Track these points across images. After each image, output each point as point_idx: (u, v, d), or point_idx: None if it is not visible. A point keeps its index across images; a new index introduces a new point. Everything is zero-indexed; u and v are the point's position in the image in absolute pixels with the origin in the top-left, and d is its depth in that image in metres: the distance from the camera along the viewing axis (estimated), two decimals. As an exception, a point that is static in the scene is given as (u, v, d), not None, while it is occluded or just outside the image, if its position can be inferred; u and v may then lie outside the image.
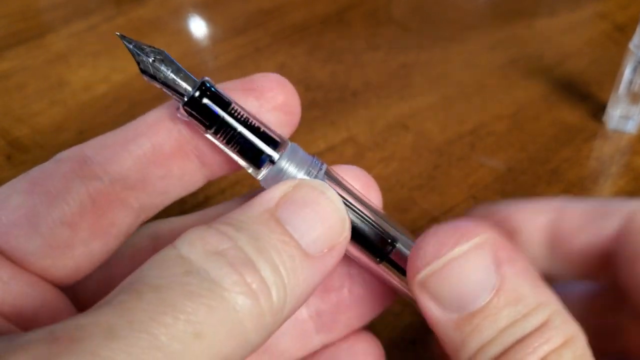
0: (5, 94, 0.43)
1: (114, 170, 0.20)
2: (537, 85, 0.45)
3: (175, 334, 0.14)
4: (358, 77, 0.45)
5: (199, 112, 0.19)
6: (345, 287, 0.24)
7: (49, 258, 0.19)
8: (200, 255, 0.16)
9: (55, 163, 0.20)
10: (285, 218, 0.18)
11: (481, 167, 0.39)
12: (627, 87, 0.39)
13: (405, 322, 0.31)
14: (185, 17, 0.51)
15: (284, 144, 0.20)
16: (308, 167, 0.20)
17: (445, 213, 0.36)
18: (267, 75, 0.22)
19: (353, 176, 0.23)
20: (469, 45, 0.48)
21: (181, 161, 0.21)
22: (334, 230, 0.19)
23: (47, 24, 0.49)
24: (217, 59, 0.47)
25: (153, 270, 0.16)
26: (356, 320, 0.24)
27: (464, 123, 0.42)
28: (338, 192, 0.20)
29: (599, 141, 0.41)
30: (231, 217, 0.18)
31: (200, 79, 0.19)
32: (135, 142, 0.20)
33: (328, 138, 0.40)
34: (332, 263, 0.19)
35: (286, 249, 0.17)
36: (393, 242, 0.21)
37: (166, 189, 0.21)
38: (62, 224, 0.19)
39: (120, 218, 0.21)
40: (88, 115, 0.41)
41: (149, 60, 0.19)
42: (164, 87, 0.19)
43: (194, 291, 0.15)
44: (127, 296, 0.15)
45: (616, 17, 0.51)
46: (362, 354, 0.24)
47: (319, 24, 0.50)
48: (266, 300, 0.16)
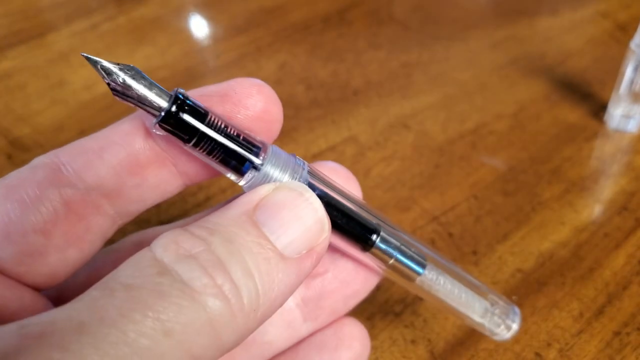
0: (6, 93, 0.43)
1: (89, 178, 0.20)
2: (538, 85, 0.45)
3: (144, 330, 0.14)
4: (359, 76, 0.45)
5: (175, 127, 0.18)
6: (330, 272, 0.24)
7: (22, 265, 0.19)
8: (173, 258, 0.16)
9: (31, 170, 0.20)
10: (262, 220, 0.18)
11: (482, 167, 0.39)
12: (629, 86, 0.39)
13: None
14: (187, 16, 0.51)
15: (265, 147, 0.20)
16: (291, 168, 0.20)
17: (446, 212, 0.36)
18: (245, 80, 0.21)
19: (332, 171, 0.23)
20: (470, 45, 0.48)
21: (157, 170, 0.21)
22: (312, 231, 0.19)
23: (48, 23, 0.49)
24: (218, 58, 0.47)
25: (127, 270, 0.16)
26: (342, 305, 0.25)
27: (465, 122, 0.41)
28: (321, 188, 0.20)
29: (600, 140, 0.41)
30: (208, 219, 0.18)
31: (173, 91, 0.18)
32: (110, 151, 0.20)
33: (329, 137, 0.40)
34: (311, 265, 0.19)
35: (261, 252, 0.17)
36: (376, 231, 0.22)
37: (142, 197, 0.21)
38: (35, 232, 0.19)
39: (95, 225, 0.21)
40: (89, 114, 0.41)
41: (119, 80, 0.18)
42: (137, 105, 0.18)
43: (164, 291, 0.15)
44: (99, 293, 0.15)
45: (618, 16, 0.51)
46: (348, 337, 0.25)
47: (320, 23, 0.50)
48: (237, 301, 0.16)
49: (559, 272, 0.33)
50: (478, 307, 0.25)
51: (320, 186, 0.21)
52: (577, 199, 0.37)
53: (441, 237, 0.34)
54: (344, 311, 0.25)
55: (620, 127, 0.41)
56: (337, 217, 0.21)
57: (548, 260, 0.33)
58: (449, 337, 0.30)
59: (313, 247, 0.19)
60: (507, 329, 0.26)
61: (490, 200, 0.36)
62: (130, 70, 0.18)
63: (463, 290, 0.25)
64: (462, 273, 0.25)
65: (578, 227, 0.35)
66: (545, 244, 0.34)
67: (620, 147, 0.40)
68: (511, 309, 0.26)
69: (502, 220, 0.35)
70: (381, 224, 0.22)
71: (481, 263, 0.33)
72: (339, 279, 0.24)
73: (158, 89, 0.18)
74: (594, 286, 0.32)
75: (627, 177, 0.38)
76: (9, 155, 0.38)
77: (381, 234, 0.22)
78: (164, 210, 0.35)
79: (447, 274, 0.24)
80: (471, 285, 0.25)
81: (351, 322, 0.25)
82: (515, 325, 0.26)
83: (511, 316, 0.26)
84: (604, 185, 0.38)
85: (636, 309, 0.31)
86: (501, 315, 0.25)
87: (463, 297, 0.25)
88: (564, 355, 0.29)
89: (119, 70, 0.18)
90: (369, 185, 0.37)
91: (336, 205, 0.21)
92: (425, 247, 0.24)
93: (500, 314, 0.25)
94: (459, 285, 0.24)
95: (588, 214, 0.36)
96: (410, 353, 0.29)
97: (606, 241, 0.34)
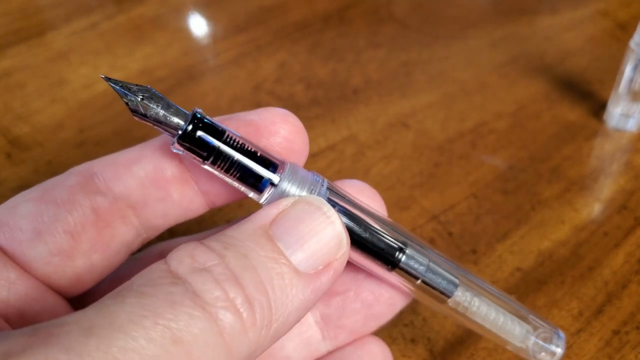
0: (5, 92, 0.43)
1: (117, 187, 0.21)
2: (538, 84, 0.45)
3: (153, 337, 0.14)
4: (359, 75, 0.45)
5: (194, 145, 0.19)
6: (352, 291, 0.24)
7: (50, 265, 0.20)
8: (187, 270, 0.16)
9: (65, 176, 0.21)
10: (278, 235, 0.18)
11: (482, 165, 0.39)
12: (628, 85, 0.39)
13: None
14: (186, 15, 0.51)
15: (283, 165, 0.20)
16: (309, 184, 0.20)
17: (446, 211, 0.36)
18: (272, 109, 0.22)
19: (355, 189, 0.23)
20: (470, 43, 0.48)
21: (181, 186, 0.22)
22: (329, 247, 0.18)
23: (48, 22, 0.49)
24: (218, 57, 0.47)
25: (140, 280, 0.16)
26: (362, 326, 0.24)
27: (465, 121, 0.41)
28: (342, 205, 0.20)
29: (599, 139, 0.41)
30: (225, 233, 0.18)
31: (191, 111, 0.19)
32: (138, 164, 0.21)
33: (329, 136, 0.40)
34: (327, 281, 0.18)
35: (274, 267, 0.17)
36: (402, 249, 0.21)
37: (165, 212, 0.22)
38: (65, 232, 0.20)
39: (120, 234, 0.21)
40: (88, 113, 0.41)
41: (138, 100, 0.19)
42: (155, 125, 0.19)
43: (176, 300, 0.15)
44: (112, 300, 0.15)
45: (618, 15, 0.51)
46: (368, 356, 0.24)
47: (320, 22, 0.50)
48: (249, 316, 0.16)
49: (558, 271, 0.33)
50: (518, 332, 0.24)
51: (341, 202, 0.20)
52: (576, 197, 0.37)
53: (441, 236, 0.34)
54: (364, 332, 0.24)
55: (620, 126, 0.41)
56: (359, 234, 0.21)
57: (548, 259, 0.33)
58: (448, 335, 0.30)
59: (330, 262, 0.18)
60: (550, 355, 0.24)
61: (489, 199, 0.36)
62: (147, 91, 0.19)
63: (501, 313, 0.23)
64: (501, 295, 0.24)
65: (577, 226, 0.35)
66: (544, 242, 0.34)
67: (619, 146, 0.40)
68: (555, 333, 0.25)
69: (502, 219, 0.35)
70: (408, 242, 0.22)
71: (481, 262, 0.33)
72: (361, 299, 0.24)
73: (175, 109, 0.19)
74: (593, 285, 0.32)
75: (627, 176, 0.38)
76: (9, 154, 0.38)
77: (407, 252, 0.21)
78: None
79: (483, 295, 0.23)
80: (511, 308, 0.24)
81: (372, 341, 0.25)
82: (560, 350, 0.24)
83: (555, 341, 0.24)
84: (604, 184, 0.38)
85: (635, 307, 0.31)
86: (544, 340, 0.24)
87: (501, 320, 0.23)
88: (564, 354, 0.29)
89: (137, 90, 0.19)
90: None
91: (358, 222, 0.21)
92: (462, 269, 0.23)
93: (543, 338, 0.24)
94: (496, 308, 0.23)
95: (587, 212, 0.36)
96: (410, 352, 0.29)
97: (606, 240, 0.34)
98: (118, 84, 0.19)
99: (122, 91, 0.19)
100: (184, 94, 0.42)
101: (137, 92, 0.19)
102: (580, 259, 0.33)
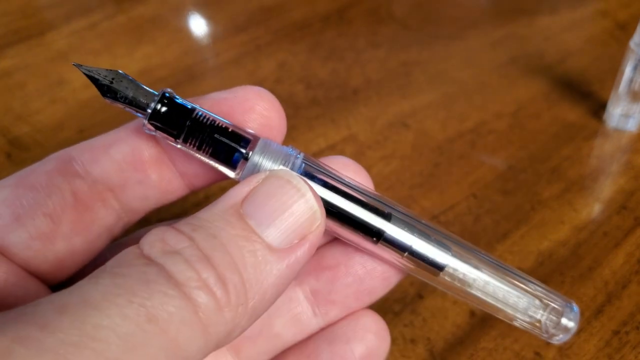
0: (5, 92, 0.43)
1: (95, 171, 0.21)
2: (537, 84, 0.45)
3: (127, 314, 0.14)
4: (359, 75, 0.45)
5: (164, 124, 0.19)
6: (342, 265, 0.23)
7: (30, 250, 0.20)
8: (159, 254, 0.16)
9: (43, 162, 0.21)
10: (250, 212, 0.18)
11: (482, 165, 0.39)
12: (628, 85, 0.39)
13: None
14: (186, 15, 0.51)
15: (255, 140, 0.20)
16: (283, 158, 0.20)
17: (446, 211, 0.36)
18: (246, 87, 0.22)
19: (340, 164, 0.23)
20: (470, 43, 0.48)
21: (158, 168, 0.22)
22: (302, 220, 0.18)
23: (47, 21, 0.49)
24: (217, 57, 0.47)
25: (114, 262, 0.16)
26: (354, 301, 0.24)
27: (465, 121, 0.41)
28: (320, 177, 0.20)
29: (599, 139, 0.41)
30: (196, 216, 0.18)
31: (160, 91, 0.20)
32: (115, 147, 0.21)
33: (328, 136, 0.40)
34: (303, 254, 0.18)
35: (245, 245, 0.17)
36: (385, 220, 0.21)
37: (145, 194, 0.22)
38: (44, 215, 0.20)
39: (101, 217, 0.21)
40: (88, 113, 0.41)
41: (107, 83, 0.19)
42: (127, 107, 0.19)
43: (150, 279, 0.15)
44: (85, 281, 0.15)
45: (617, 15, 0.51)
46: (362, 329, 0.24)
47: (319, 22, 0.50)
48: (223, 295, 0.16)
49: (558, 271, 0.33)
50: (521, 305, 0.22)
51: (319, 175, 0.20)
52: (576, 198, 0.37)
53: (440, 236, 0.34)
54: (357, 308, 0.24)
55: (620, 126, 0.41)
56: (339, 205, 0.20)
57: (547, 259, 0.33)
58: (448, 336, 0.30)
59: (305, 235, 0.18)
60: (563, 331, 0.22)
61: (489, 199, 0.36)
62: (115, 74, 0.20)
63: (502, 285, 0.22)
64: (504, 266, 0.22)
65: (577, 226, 0.35)
66: (544, 243, 0.34)
67: (619, 146, 0.40)
68: (568, 307, 0.22)
69: (502, 219, 0.35)
70: (394, 213, 0.21)
71: (480, 262, 0.33)
72: (353, 274, 0.23)
73: (144, 90, 0.19)
74: (593, 285, 0.32)
75: (627, 176, 0.38)
76: (9, 154, 0.38)
77: (393, 223, 0.21)
78: (164, 210, 0.35)
79: (482, 267, 0.22)
80: (515, 278, 0.22)
81: (366, 314, 0.24)
82: (572, 324, 0.22)
83: (567, 314, 0.22)
84: (603, 184, 0.38)
85: (635, 308, 0.31)
86: (555, 314, 0.22)
87: (501, 292, 0.22)
88: (564, 354, 0.29)
89: (106, 74, 0.19)
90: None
91: (338, 193, 0.20)
92: (457, 239, 0.22)
93: (555, 312, 0.22)
94: (496, 279, 0.22)
95: (587, 213, 0.36)
96: (410, 352, 0.29)
97: (605, 240, 0.34)
98: (88, 70, 0.20)
99: (93, 76, 0.19)
100: (184, 94, 0.42)
101: (107, 76, 0.20)
102: (580, 259, 0.33)
